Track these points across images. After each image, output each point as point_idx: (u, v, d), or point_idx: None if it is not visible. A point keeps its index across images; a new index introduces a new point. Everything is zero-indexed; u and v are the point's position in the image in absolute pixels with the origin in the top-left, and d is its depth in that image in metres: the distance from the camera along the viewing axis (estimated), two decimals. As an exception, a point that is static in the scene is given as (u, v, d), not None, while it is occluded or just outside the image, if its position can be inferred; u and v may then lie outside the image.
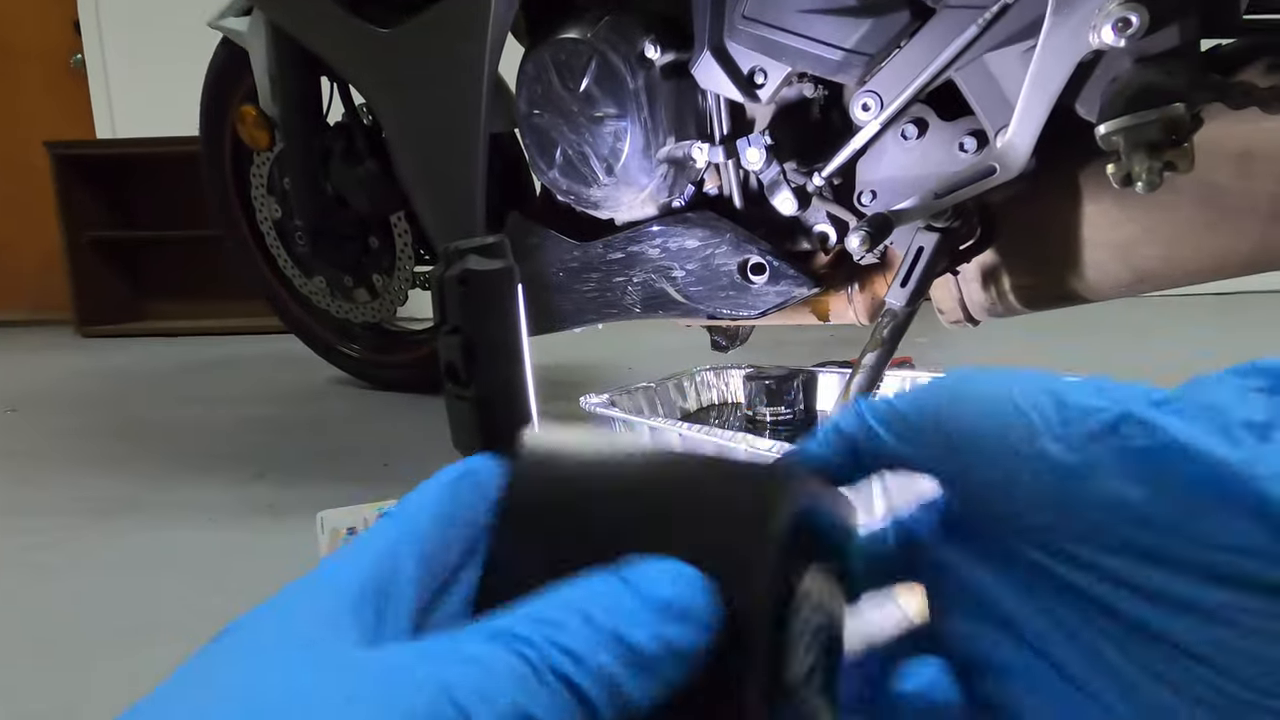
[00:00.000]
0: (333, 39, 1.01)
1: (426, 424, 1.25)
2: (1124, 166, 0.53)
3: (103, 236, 2.55)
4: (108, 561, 0.78)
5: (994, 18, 0.58)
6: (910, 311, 0.68)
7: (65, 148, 2.44)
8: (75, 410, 1.47)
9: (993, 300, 0.74)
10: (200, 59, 1.43)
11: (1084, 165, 0.66)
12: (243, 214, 1.48)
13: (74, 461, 1.11)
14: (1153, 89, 0.52)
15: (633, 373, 1.54)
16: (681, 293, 0.83)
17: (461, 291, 0.41)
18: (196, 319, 2.60)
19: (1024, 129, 0.58)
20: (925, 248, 0.66)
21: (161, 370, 1.86)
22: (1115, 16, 0.51)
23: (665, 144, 0.78)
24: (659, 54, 0.75)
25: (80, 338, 2.46)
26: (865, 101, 0.67)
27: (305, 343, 1.53)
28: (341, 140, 1.23)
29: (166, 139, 2.35)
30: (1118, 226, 0.65)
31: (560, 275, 0.89)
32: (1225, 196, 0.60)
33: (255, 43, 1.21)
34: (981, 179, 0.61)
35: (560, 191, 0.86)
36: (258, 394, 1.52)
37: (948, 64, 0.61)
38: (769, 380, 0.96)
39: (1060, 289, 0.70)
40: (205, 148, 1.46)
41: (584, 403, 0.87)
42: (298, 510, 0.88)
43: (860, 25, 0.64)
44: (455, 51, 0.88)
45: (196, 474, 1.03)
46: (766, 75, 0.70)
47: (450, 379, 0.43)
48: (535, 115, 0.84)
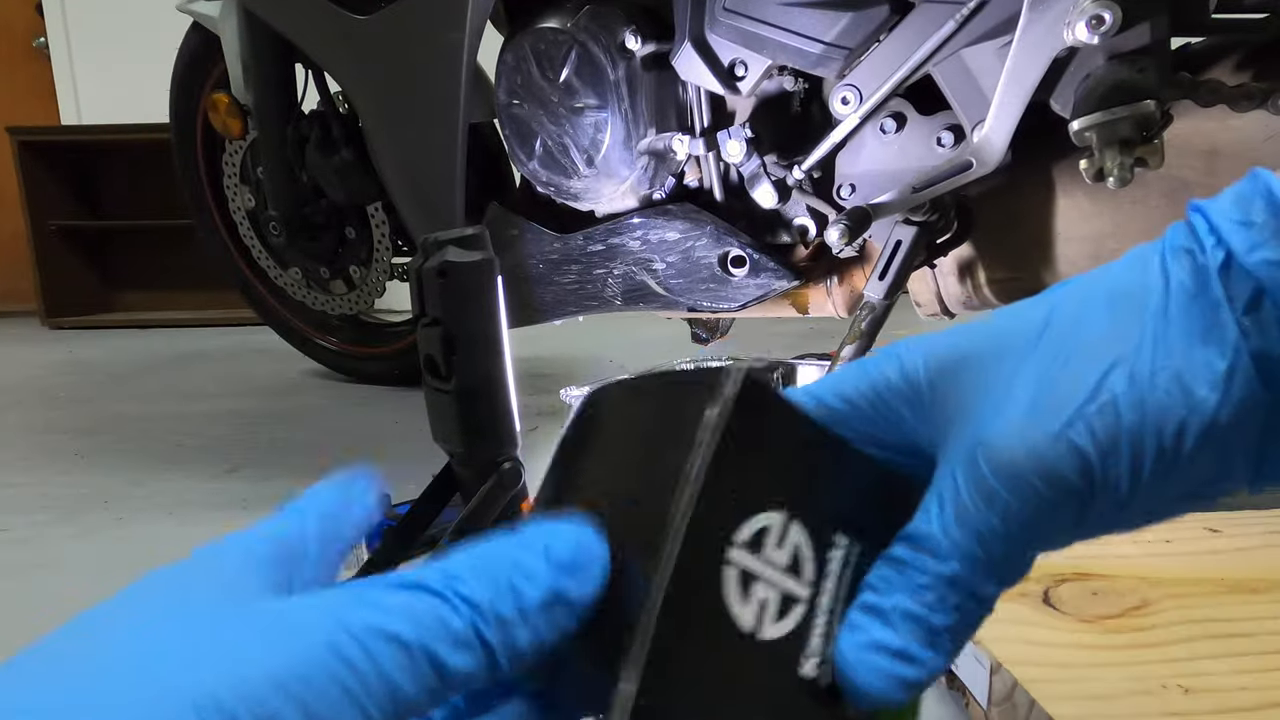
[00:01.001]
0: (308, 25, 0.99)
1: (405, 417, 1.24)
2: (1096, 162, 0.54)
3: (69, 225, 2.49)
4: (77, 560, 0.76)
5: (971, 13, 0.59)
6: (888, 304, 0.69)
7: (29, 133, 2.38)
8: (43, 404, 1.43)
9: (969, 293, 0.75)
10: (169, 44, 1.39)
11: (1058, 160, 0.67)
12: (215, 204, 1.46)
13: (41, 457, 1.09)
14: (1124, 86, 0.53)
15: (614, 365, 1.54)
16: (662, 285, 0.83)
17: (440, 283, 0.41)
18: (168, 310, 2.55)
19: (1000, 124, 0.58)
20: (903, 241, 0.67)
21: (132, 362, 1.82)
22: (1089, 14, 0.52)
23: (646, 136, 0.78)
24: (639, 45, 0.75)
25: (47, 329, 2.40)
26: (844, 95, 0.67)
27: (280, 335, 1.51)
28: (317, 129, 1.21)
29: (135, 126, 2.30)
30: (1089, 220, 0.67)
31: (540, 267, 0.89)
32: (1192, 192, 0.61)
33: (227, 28, 1.18)
34: (959, 173, 0.61)
35: (540, 183, 0.85)
36: (231, 387, 1.50)
37: (926, 59, 0.62)
38: (749, 372, 0.97)
39: (1034, 282, 0.71)
40: (176, 136, 1.42)
41: (565, 395, 0.87)
42: (272, 506, 0.86)
43: (840, 19, 0.64)
44: (435, 39, 0.87)
45: (168, 469, 1.01)
46: (747, 68, 0.70)
47: (429, 371, 0.43)
48: (515, 105, 0.83)
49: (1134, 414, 0.16)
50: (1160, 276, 0.17)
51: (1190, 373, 0.16)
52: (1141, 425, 0.16)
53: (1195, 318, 0.16)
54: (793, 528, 0.18)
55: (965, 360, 0.19)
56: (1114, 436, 0.16)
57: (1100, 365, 0.17)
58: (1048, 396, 0.17)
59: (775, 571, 0.17)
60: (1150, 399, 0.16)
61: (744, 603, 0.17)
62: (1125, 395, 0.16)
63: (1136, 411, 0.16)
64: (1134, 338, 0.17)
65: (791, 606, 0.17)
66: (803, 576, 0.18)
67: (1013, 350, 0.18)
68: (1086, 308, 0.18)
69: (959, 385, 0.19)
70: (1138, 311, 0.17)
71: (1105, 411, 0.17)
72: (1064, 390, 0.17)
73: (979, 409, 0.18)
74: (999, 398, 0.18)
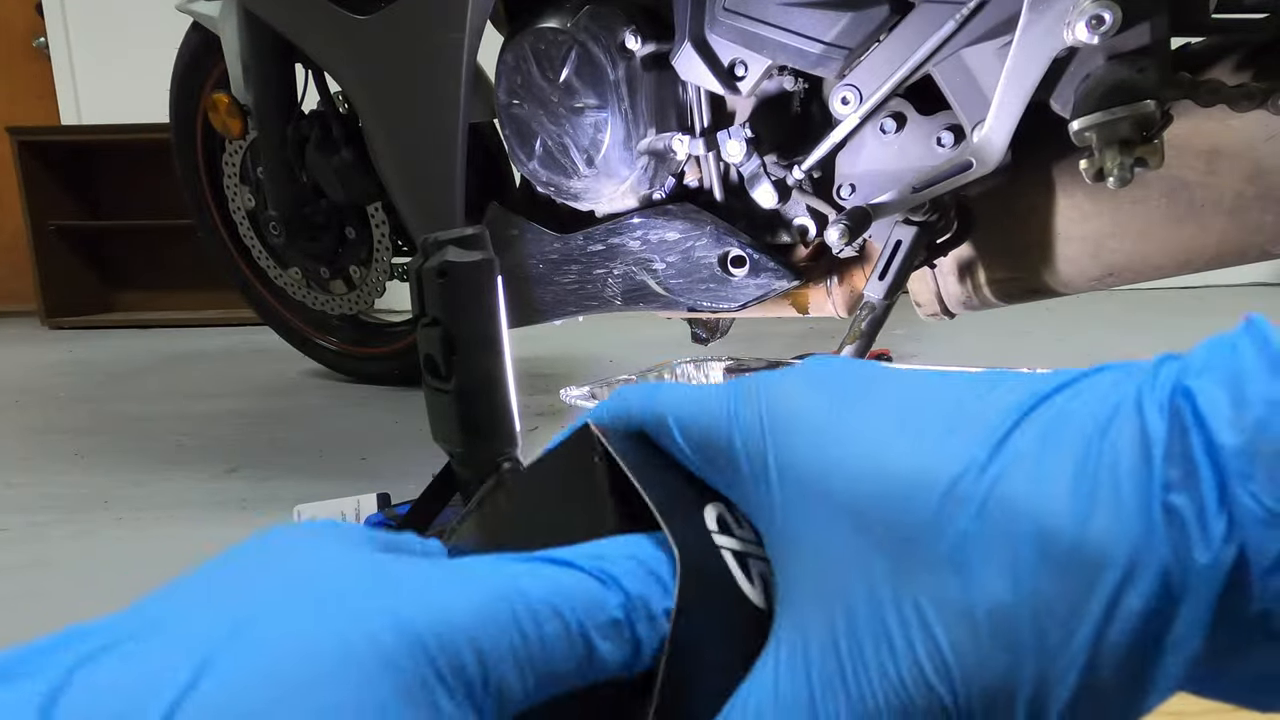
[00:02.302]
0: (308, 24, 0.99)
1: (404, 418, 1.24)
2: (1096, 162, 0.53)
3: (69, 225, 2.49)
4: (77, 560, 0.76)
5: (971, 13, 0.59)
6: (888, 304, 0.69)
7: (29, 133, 2.37)
8: (42, 404, 1.43)
9: (968, 293, 0.75)
10: (169, 43, 1.39)
11: (1058, 160, 0.67)
12: (215, 203, 1.46)
13: (41, 457, 1.09)
14: (1124, 86, 0.53)
15: (613, 365, 1.54)
16: (662, 285, 0.83)
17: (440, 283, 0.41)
18: (168, 310, 2.55)
19: (1000, 124, 0.58)
20: (903, 241, 0.67)
21: (132, 362, 1.82)
22: (1089, 14, 0.52)
23: (646, 136, 0.78)
24: (639, 45, 0.75)
25: (47, 329, 2.40)
26: (844, 95, 0.67)
27: (280, 335, 1.51)
28: (317, 128, 1.21)
29: (135, 126, 2.30)
30: (1089, 221, 0.67)
31: (540, 267, 0.89)
32: (1192, 192, 0.61)
33: (227, 27, 1.18)
34: (958, 173, 0.61)
35: (540, 183, 0.85)
36: (231, 387, 1.50)
37: (925, 59, 0.62)
38: (749, 372, 0.97)
39: (1033, 282, 0.71)
40: (176, 136, 1.42)
41: (564, 395, 0.87)
42: (272, 506, 0.86)
43: (840, 19, 0.64)
44: (434, 39, 0.87)
45: (168, 469, 1.01)
46: (747, 68, 0.70)
47: (429, 372, 0.43)
48: (515, 105, 0.83)
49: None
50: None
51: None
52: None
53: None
54: (736, 512, 0.18)
55: (841, 465, 0.15)
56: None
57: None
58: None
59: (750, 545, 0.17)
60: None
61: (749, 581, 0.17)
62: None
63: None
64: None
65: (766, 576, 0.17)
66: (760, 549, 0.17)
67: (913, 494, 0.14)
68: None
69: (831, 502, 0.15)
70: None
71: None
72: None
73: (854, 566, 0.15)
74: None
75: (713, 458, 0.17)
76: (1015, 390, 0.15)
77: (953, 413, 0.15)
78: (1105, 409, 0.13)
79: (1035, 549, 0.13)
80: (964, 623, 0.13)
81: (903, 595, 0.14)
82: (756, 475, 0.16)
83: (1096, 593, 0.12)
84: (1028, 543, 0.13)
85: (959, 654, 0.13)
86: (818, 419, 0.16)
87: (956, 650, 0.13)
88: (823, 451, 0.15)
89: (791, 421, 0.16)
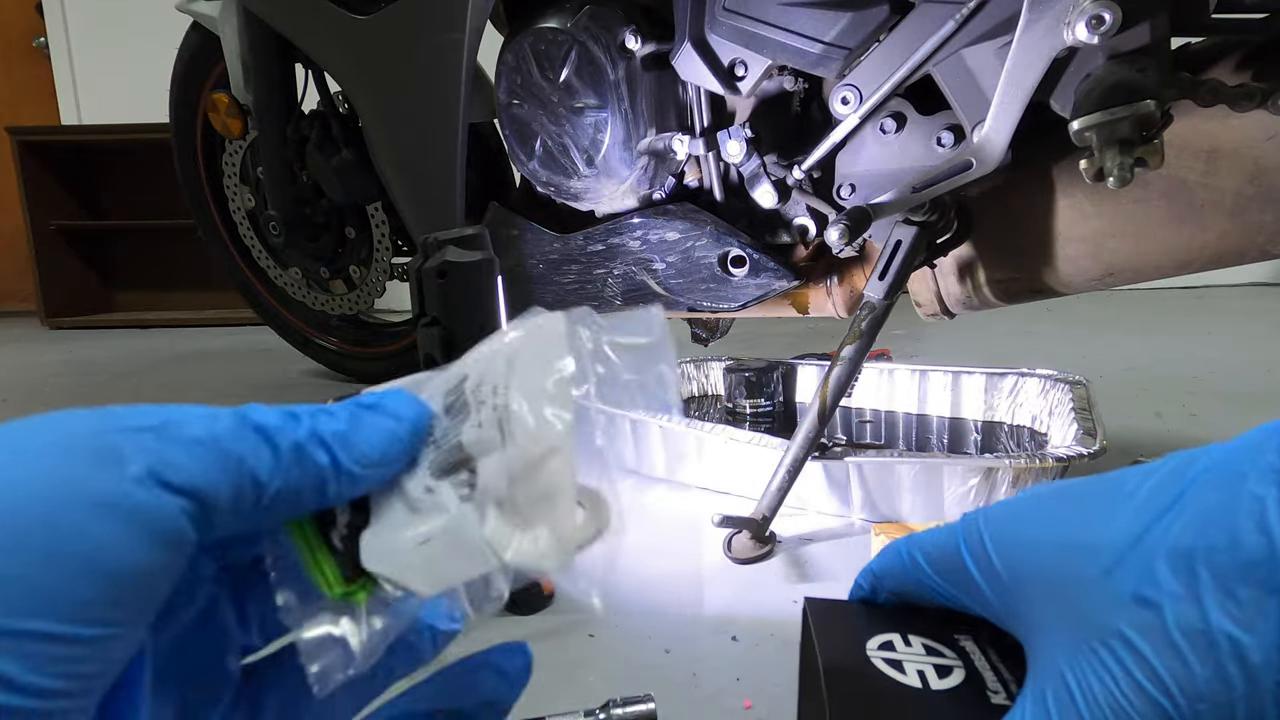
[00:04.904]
0: (308, 24, 0.99)
1: (405, 417, 1.23)
2: (1096, 162, 0.53)
3: (70, 225, 2.49)
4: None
5: (971, 13, 0.59)
6: (888, 304, 0.69)
7: (29, 133, 2.38)
8: (42, 404, 1.43)
9: (968, 293, 0.75)
10: (169, 43, 1.39)
11: (1058, 160, 0.67)
12: (215, 203, 1.46)
13: (41, 456, 1.09)
14: (1124, 86, 0.53)
15: (613, 365, 1.53)
16: (662, 285, 0.83)
17: (440, 283, 0.41)
18: (168, 310, 2.55)
19: (1000, 124, 0.58)
20: (903, 241, 0.67)
21: (132, 362, 1.82)
22: (1089, 14, 0.52)
23: (646, 136, 0.78)
24: (639, 45, 0.75)
25: (47, 329, 2.40)
26: (844, 95, 0.67)
27: (280, 335, 1.51)
28: (317, 128, 1.21)
29: (135, 126, 2.30)
30: (1089, 221, 0.67)
31: (540, 267, 0.89)
32: (1192, 192, 0.61)
33: (227, 27, 1.18)
34: (958, 173, 0.61)
35: (540, 183, 0.85)
36: (231, 387, 1.50)
37: (925, 58, 0.62)
38: (749, 373, 0.97)
39: (1034, 282, 0.71)
40: (176, 136, 1.42)
41: (564, 395, 0.87)
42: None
43: (840, 19, 0.64)
44: (434, 39, 0.87)
45: (169, 468, 1.01)
46: (747, 68, 0.70)
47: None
48: (515, 105, 0.83)
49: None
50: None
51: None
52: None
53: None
54: (910, 637, 0.23)
55: (1038, 547, 0.20)
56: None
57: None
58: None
59: (915, 654, 0.22)
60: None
61: (902, 674, 0.22)
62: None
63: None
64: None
65: (951, 669, 0.22)
66: (944, 656, 0.22)
67: (1093, 556, 0.18)
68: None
69: (1036, 576, 0.19)
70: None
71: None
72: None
73: (1063, 620, 0.18)
74: (1085, 619, 0.18)
75: (948, 570, 0.22)
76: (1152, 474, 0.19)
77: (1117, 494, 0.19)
78: (1229, 475, 0.17)
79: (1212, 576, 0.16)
80: (1164, 641, 0.16)
81: (1107, 629, 0.17)
82: (979, 565, 0.21)
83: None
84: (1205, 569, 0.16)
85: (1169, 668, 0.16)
86: (1016, 509, 0.21)
87: (1166, 665, 0.16)
88: (1024, 534, 0.20)
89: (998, 519, 0.21)
